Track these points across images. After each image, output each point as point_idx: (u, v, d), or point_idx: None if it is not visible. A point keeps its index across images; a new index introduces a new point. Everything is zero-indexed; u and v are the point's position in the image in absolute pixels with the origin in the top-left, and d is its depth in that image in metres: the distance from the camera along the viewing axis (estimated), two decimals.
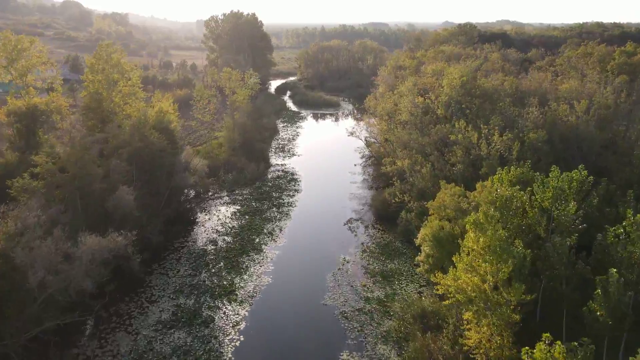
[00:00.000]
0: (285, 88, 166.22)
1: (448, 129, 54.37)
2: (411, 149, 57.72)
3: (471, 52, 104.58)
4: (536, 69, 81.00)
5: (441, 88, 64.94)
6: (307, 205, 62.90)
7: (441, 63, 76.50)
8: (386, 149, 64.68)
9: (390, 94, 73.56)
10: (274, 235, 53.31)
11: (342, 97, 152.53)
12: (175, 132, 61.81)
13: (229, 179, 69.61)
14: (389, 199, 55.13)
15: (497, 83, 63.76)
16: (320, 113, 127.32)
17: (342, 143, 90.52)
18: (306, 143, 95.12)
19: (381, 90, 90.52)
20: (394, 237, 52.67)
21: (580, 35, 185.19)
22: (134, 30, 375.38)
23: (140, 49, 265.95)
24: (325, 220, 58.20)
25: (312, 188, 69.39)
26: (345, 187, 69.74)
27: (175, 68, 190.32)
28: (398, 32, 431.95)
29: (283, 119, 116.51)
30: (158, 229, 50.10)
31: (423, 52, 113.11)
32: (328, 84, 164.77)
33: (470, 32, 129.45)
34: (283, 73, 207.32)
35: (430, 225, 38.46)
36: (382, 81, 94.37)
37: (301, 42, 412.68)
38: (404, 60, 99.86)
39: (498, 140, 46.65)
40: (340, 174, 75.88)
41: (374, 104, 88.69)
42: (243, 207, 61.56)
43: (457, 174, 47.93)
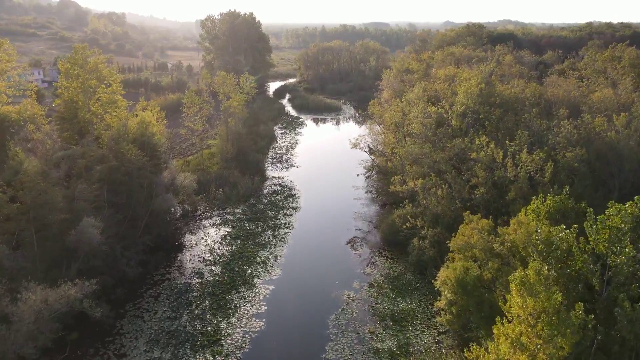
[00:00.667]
0: (284, 90, 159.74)
1: (466, 144, 47.90)
2: (422, 164, 51.27)
3: (482, 55, 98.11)
4: (555, 72, 74.44)
5: (454, 96, 58.54)
6: (306, 226, 56.43)
7: (452, 67, 69.98)
8: (393, 162, 58.20)
9: (397, 102, 67.05)
10: (268, 265, 46.82)
11: (344, 100, 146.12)
12: (159, 146, 55.36)
13: (220, 195, 63.13)
14: (399, 223, 48.68)
15: (517, 90, 57.28)
16: (321, 118, 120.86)
17: (344, 151, 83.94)
18: (305, 152, 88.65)
19: (386, 95, 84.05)
20: (405, 268, 46.18)
21: (590, 35, 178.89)
22: (131, 30, 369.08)
23: (136, 50, 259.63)
24: (327, 246, 51.71)
25: (312, 205, 62.92)
26: (349, 203, 63.28)
27: (170, 70, 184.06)
28: (399, 32, 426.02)
29: (281, 124, 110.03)
30: (135, 260, 43.73)
31: (430, 54, 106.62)
32: (329, 87, 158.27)
33: (479, 33, 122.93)
34: (282, 75, 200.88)
35: (453, 267, 32.02)
36: (386, 86, 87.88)
37: (301, 43, 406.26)
38: (410, 62, 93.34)
39: (528, 159, 40.15)
40: (342, 188, 69.40)
41: (379, 110, 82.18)
42: (234, 229, 55.08)
43: (478, 199, 41.43)
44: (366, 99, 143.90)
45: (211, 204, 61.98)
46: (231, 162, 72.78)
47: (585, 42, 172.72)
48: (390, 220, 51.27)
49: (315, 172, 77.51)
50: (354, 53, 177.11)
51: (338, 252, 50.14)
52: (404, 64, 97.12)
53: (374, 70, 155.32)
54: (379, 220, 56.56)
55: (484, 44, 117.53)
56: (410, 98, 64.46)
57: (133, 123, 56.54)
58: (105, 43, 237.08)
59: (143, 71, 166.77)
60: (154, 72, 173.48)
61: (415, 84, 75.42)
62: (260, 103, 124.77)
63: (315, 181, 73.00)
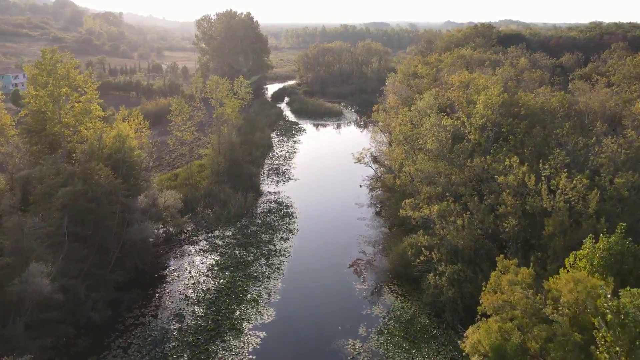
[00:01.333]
0: (283, 94, 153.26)
1: (488, 163, 41.44)
2: (437, 184, 44.83)
3: (493, 57, 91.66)
4: (577, 77, 67.94)
5: (470, 105, 52.12)
6: (304, 253, 49.95)
7: (466, 72, 63.54)
8: (402, 179, 51.73)
9: (405, 111, 60.62)
10: (260, 305, 40.34)
11: (345, 103, 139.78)
12: (138, 163, 48.95)
13: (208, 216, 56.69)
14: (410, 254, 42.26)
15: (541, 99, 50.81)
16: (321, 123, 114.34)
17: (345, 161, 77.58)
18: (304, 162, 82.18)
19: (392, 102, 77.59)
20: (419, 309, 39.68)
21: (601, 36, 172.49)
22: (128, 31, 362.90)
23: (132, 51, 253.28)
24: (327, 279, 45.21)
25: (311, 227, 56.46)
26: (352, 224, 56.84)
27: (165, 72, 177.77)
28: (401, 33, 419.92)
29: (279, 131, 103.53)
30: (104, 301, 37.33)
31: (437, 56, 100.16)
32: (329, 89, 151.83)
33: (488, 34, 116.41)
34: (281, 77, 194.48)
35: (486, 329, 25.57)
36: (392, 91, 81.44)
37: (301, 43, 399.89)
38: (417, 66, 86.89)
39: (567, 186, 33.68)
40: (344, 205, 62.95)
41: (384, 118, 75.79)
42: (223, 256, 48.62)
43: (509, 233, 34.96)
44: (368, 102, 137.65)
45: (199, 225, 55.56)
46: (223, 176, 66.28)
47: (597, 43, 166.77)
48: (400, 250, 44.78)
49: (314, 186, 71.02)
50: (356, 54, 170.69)
51: (340, 286, 43.65)
52: (410, 67, 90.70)
53: (376, 72, 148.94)
54: (386, 246, 50.10)
55: (493, 45, 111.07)
56: (421, 107, 58.04)
57: (109, 137, 50.22)
58: (99, 44, 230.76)
59: (136, 73, 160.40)
60: (148, 74, 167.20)
61: (425, 90, 69.04)
62: (257, 107, 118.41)
63: (315, 197, 66.52)
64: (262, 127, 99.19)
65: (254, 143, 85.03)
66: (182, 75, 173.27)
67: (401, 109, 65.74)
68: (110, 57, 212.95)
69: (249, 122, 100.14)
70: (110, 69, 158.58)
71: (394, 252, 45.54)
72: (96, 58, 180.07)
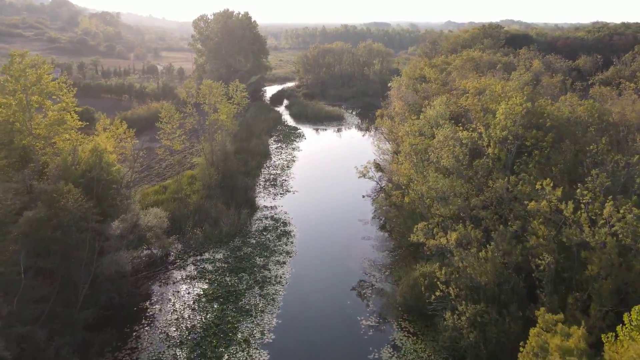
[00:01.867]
0: (282, 96, 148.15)
1: (512, 184, 36.29)
2: (452, 204, 39.65)
3: (504, 60, 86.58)
4: (599, 82, 62.77)
5: (487, 114, 46.99)
6: (303, 280, 44.79)
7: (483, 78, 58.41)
8: (411, 197, 46.56)
9: (413, 120, 55.51)
10: (252, 347, 35.17)
11: (346, 106, 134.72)
12: (116, 182, 43.80)
13: (197, 236, 51.52)
14: (422, 285, 37.10)
15: (566, 108, 45.64)
16: (322, 128, 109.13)
17: (347, 170, 72.54)
18: (304, 171, 77.02)
19: (398, 108, 72.41)
20: (435, 352, 34.51)
21: (610, 36, 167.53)
22: (126, 31, 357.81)
23: (128, 51, 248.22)
24: (328, 312, 40.01)
25: (310, 248, 51.32)
26: (355, 245, 51.75)
27: (160, 73, 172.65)
28: (402, 33, 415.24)
29: (277, 137, 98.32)
30: (71, 346, 32.18)
31: (443, 58, 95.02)
32: (330, 92, 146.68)
33: (496, 34, 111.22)
34: (280, 78, 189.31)
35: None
36: (397, 96, 76.29)
37: (301, 43, 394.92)
38: (424, 69, 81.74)
39: (614, 217, 28.50)
40: (347, 221, 57.87)
41: (389, 125, 70.72)
42: (213, 284, 43.47)
43: (543, 272, 29.77)
44: (370, 105, 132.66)
45: (187, 246, 50.40)
46: (215, 189, 61.10)
47: (606, 44, 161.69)
48: (411, 280, 39.60)
49: (314, 198, 65.84)
50: (357, 55, 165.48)
51: (343, 323, 38.46)
52: (415, 70, 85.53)
53: (378, 74, 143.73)
54: (395, 271, 45.01)
55: (501, 47, 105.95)
56: (431, 115, 52.89)
57: (85, 150, 45.17)
58: (94, 44, 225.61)
59: (130, 75, 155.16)
60: (143, 76, 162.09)
61: (434, 96, 63.90)
62: (255, 112, 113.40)
63: (314, 212, 61.37)
64: (259, 133, 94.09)
65: (250, 151, 79.88)
66: (178, 76, 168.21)
67: (409, 116, 60.62)
68: (105, 58, 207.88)
69: (245, 127, 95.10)
70: (103, 70, 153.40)
71: (404, 283, 40.34)
72: (90, 59, 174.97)
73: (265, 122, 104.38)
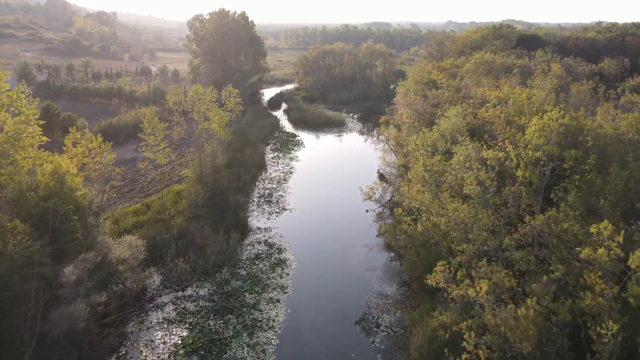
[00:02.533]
0: (280, 99, 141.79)
1: (553, 217, 29.82)
2: (476, 240, 33.20)
3: (519, 63, 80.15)
4: (630, 89, 56.30)
5: (510, 128, 40.58)
6: (299, 324, 38.31)
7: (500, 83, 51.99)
8: (426, 226, 40.03)
9: (425, 133, 49.06)
10: None
11: (347, 110, 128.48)
12: (81, 209, 37.40)
13: (179, 267, 45.07)
14: (442, 341, 30.67)
15: (609, 125, 39.13)
16: (321, 135, 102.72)
17: (349, 182, 66.23)
18: (302, 185, 70.60)
19: (405, 117, 65.93)
20: None
21: (623, 37, 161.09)
22: (122, 31, 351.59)
23: (123, 52, 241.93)
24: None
25: (308, 280, 44.84)
26: (360, 278, 45.29)
27: (154, 75, 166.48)
28: (404, 33, 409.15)
29: (274, 145, 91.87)
30: None
31: (452, 60, 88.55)
32: (330, 95, 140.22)
33: (507, 35, 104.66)
34: (278, 80, 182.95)
35: None
36: (404, 103, 69.85)
37: (301, 43, 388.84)
38: (433, 72, 75.35)
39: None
40: (351, 246, 51.43)
41: (395, 136, 64.40)
42: (193, 330, 36.99)
43: (606, 345, 23.29)
44: (373, 110, 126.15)
45: (167, 279, 43.97)
46: (202, 209, 54.67)
47: (618, 45, 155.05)
48: (428, 331, 33.14)
49: (313, 218, 59.40)
50: (358, 57, 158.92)
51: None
52: (423, 74, 79.04)
53: (381, 76, 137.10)
54: (407, 312, 38.54)
55: (513, 48, 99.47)
56: (446, 128, 46.45)
57: (46, 172, 38.84)
58: (87, 45, 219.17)
59: (121, 77, 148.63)
60: (135, 78, 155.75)
61: (445, 103, 57.49)
62: (251, 117, 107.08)
63: (313, 234, 54.95)
64: (254, 141, 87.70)
65: (244, 162, 73.39)
66: (173, 78, 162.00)
67: (419, 127, 54.22)
68: (98, 59, 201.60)
69: (239, 135, 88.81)
70: (94, 72, 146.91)
71: (420, 333, 33.85)
72: (81, 60, 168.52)
73: (262, 129, 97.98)
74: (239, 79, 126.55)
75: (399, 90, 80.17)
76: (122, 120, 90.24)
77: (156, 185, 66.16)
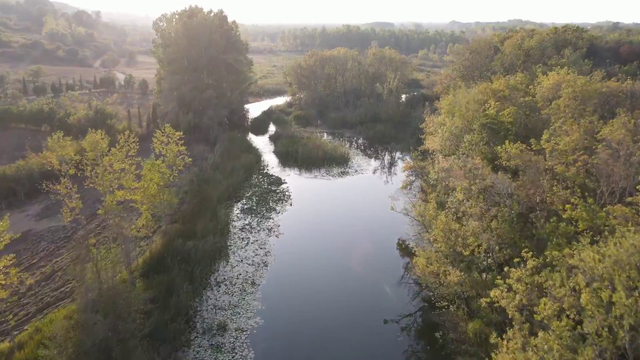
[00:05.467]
0: (267, 120, 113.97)
1: None
2: None
3: (614, 85, 52.23)
4: None
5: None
6: None
7: None
8: None
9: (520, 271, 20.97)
10: None
11: (351, 135, 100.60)
12: None
13: None
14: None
15: None
16: (318, 179, 74.65)
17: (362, 281, 38.54)
18: (281, 293, 42.46)
19: (459, 195, 37.79)
20: None
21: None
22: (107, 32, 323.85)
23: (98, 56, 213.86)
24: None
25: None
26: None
27: (117, 87, 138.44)
28: (410, 34, 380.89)
29: (247, 202, 63.47)
30: None
31: (515, 81, 60.23)
32: (330, 115, 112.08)
33: (575, 41, 76.25)
34: (269, 92, 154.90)
35: None
36: (453, 172, 41.63)
37: (299, 45, 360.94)
38: (490, 105, 47.17)
39: None
40: None
41: (443, 226, 36.61)
42: None
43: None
44: (384, 137, 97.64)
45: None
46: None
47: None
48: None
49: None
50: (365, 65, 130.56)
51: None
52: (469, 107, 50.50)
53: (394, 93, 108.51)
54: None
55: (584, 59, 71.29)
56: None
57: None
58: (52, 49, 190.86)
59: (70, 92, 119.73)
60: (92, 92, 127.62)
61: (543, 174, 29.43)
62: (223, 150, 79.52)
63: None
64: (218, 198, 59.74)
65: (188, 257, 44.90)
66: (140, 91, 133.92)
67: (487, 220, 26.12)
68: (61, 65, 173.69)
69: (197, 188, 60.92)
70: (35, 86, 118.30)
71: None
72: (30, 68, 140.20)
73: (234, 173, 69.90)
74: (211, 97, 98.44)
75: (428, 128, 51.89)
76: (26, 167, 62.21)
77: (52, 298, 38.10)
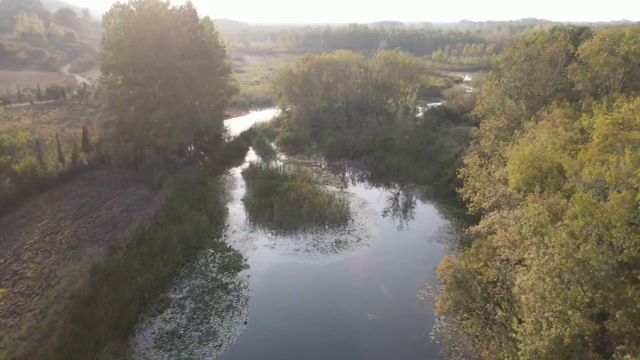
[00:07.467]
0: (246, 144, 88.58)
1: None
2: None
3: None
4: None
5: None
6: None
7: None
8: None
9: None
10: None
11: (354, 169, 74.70)
12: None
13: None
14: None
15: None
16: (299, 257, 48.86)
17: None
18: None
19: (529, 325, 11.73)
20: None
21: None
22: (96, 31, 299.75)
23: (69, 59, 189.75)
24: None
25: None
26: None
27: (68, 98, 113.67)
28: (422, 33, 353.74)
29: (176, 309, 37.60)
30: None
31: (616, 116, 34.44)
32: (327, 139, 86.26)
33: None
34: (258, 102, 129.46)
35: None
36: None
37: (301, 46, 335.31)
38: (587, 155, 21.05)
39: None
40: None
41: None
42: None
43: None
44: (399, 172, 71.87)
45: None
46: None
47: None
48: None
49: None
50: (372, 72, 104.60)
51: None
52: (539, 155, 24.76)
53: (412, 113, 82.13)
54: None
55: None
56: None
57: None
58: (13, 51, 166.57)
59: (10, 105, 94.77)
60: (35, 105, 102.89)
61: None
62: (167, 199, 54.17)
63: None
64: (112, 323, 34.22)
65: None
66: (97, 103, 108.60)
67: None
68: (20, 70, 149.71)
69: (73, 311, 35.40)
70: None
71: None
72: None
73: (164, 255, 44.34)
74: (162, 119, 72.96)
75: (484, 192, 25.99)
76: None
77: None
